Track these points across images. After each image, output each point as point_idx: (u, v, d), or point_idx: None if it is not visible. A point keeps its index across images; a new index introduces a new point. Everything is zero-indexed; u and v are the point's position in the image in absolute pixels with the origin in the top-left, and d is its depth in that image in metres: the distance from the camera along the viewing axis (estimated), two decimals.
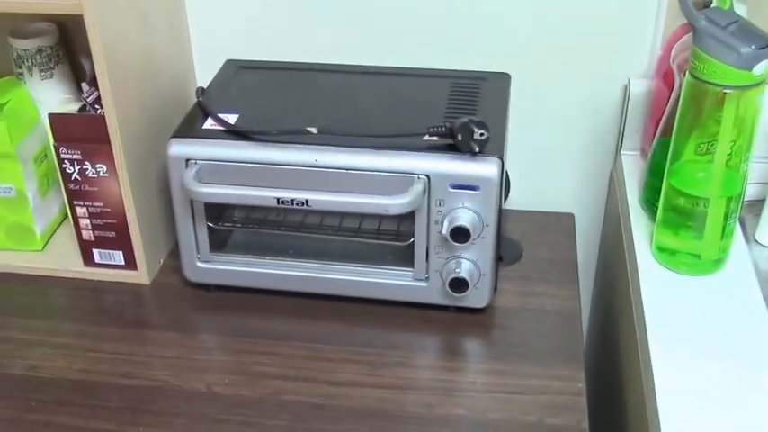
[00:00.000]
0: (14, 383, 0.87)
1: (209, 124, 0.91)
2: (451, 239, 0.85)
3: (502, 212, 0.89)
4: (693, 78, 0.78)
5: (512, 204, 1.09)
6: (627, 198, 0.98)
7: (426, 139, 0.86)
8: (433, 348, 0.91)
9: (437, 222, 0.87)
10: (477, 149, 0.83)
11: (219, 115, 0.91)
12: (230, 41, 1.08)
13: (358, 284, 0.93)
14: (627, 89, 1.03)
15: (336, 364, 0.87)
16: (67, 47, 1.06)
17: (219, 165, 0.87)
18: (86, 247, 1.00)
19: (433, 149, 0.85)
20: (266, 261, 0.94)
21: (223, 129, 0.90)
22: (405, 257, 0.91)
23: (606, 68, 1.03)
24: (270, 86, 0.99)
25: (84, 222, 0.98)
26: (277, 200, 0.84)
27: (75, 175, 0.95)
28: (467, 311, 0.92)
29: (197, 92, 0.96)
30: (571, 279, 0.98)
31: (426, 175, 0.84)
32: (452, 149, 0.84)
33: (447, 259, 0.89)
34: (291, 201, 0.84)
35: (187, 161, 0.88)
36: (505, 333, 0.91)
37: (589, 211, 1.14)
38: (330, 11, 1.05)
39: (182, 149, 0.88)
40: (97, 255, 1.00)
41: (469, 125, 0.83)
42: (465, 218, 0.85)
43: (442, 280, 0.90)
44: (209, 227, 0.92)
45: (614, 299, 1.01)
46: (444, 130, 0.85)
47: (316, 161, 0.85)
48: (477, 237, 0.86)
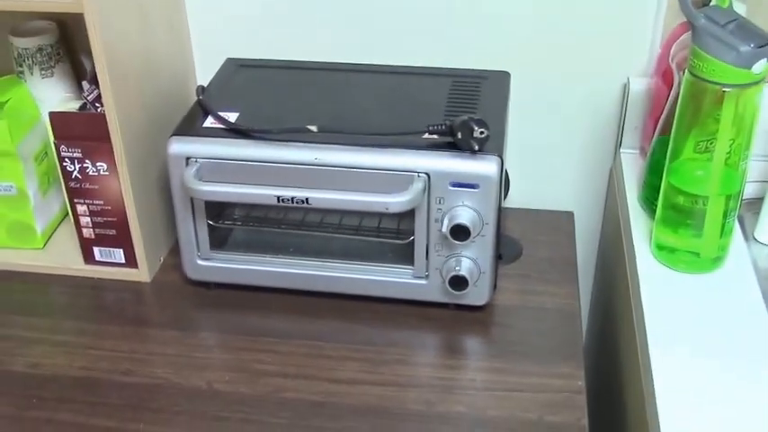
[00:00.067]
0: (15, 381, 0.87)
1: (209, 122, 0.91)
2: (451, 237, 0.86)
3: (501, 210, 0.89)
4: (692, 76, 0.78)
5: (511, 203, 1.10)
6: (626, 196, 0.98)
7: (426, 137, 0.86)
8: (432, 346, 0.91)
9: (437, 220, 0.87)
10: (476, 148, 0.83)
11: (220, 113, 0.91)
12: (230, 40, 1.08)
13: (358, 282, 0.93)
14: (626, 87, 1.03)
15: (336, 361, 0.88)
16: (68, 45, 1.06)
17: (220, 163, 0.87)
18: (87, 244, 1.00)
19: (432, 147, 0.85)
20: (266, 259, 0.94)
21: (223, 127, 0.90)
22: (405, 255, 0.91)
23: (606, 67, 1.03)
24: (270, 85, 0.99)
25: (85, 220, 0.98)
26: (277, 198, 0.85)
27: (75, 173, 0.95)
28: (466, 309, 0.93)
29: (197, 90, 0.96)
30: (571, 277, 0.98)
31: (426, 173, 0.84)
32: (452, 147, 0.84)
33: (447, 257, 0.89)
34: (292, 199, 0.84)
35: (187, 159, 0.88)
36: (505, 331, 0.92)
37: (588, 210, 1.14)
38: (330, 9, 1.05)
39: (182, 147, 0.88)
40: (98, 253, 1.00)
41: (469, 123, 0.83)
42: (465, 216, 0.85)
43: (441, 278, 0.90)
44: (209, 225, 0.93)
45: (614, 297, 1.01)
46: (444, 128, 0.85)
47: (316, 159, 0.85)
48: (477, 235, 0.86)
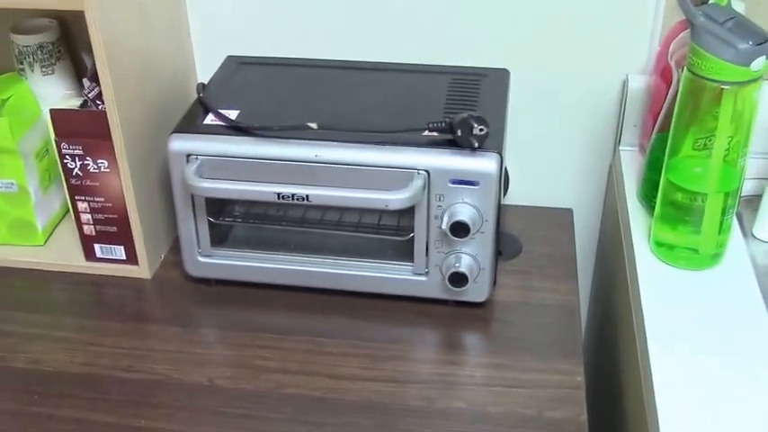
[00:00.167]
0: (17, 377, 0.87)
1: (209, 120, 0.91)
2: (451, 234, 0.86)
3: (501, 207, 0.89)
4: (691, 74, 0.78)
5: (511, 199, 1.10)
6: (625, 193, 0.98)
7: (426, 134, 0.86)
8: (433, 342, 0.92)
9: (437, 217, 0.87)
10: (476, 145, 0.84)
11: (220, 111, 0.91)
12: (231, 37, 1.09)
13: (358, 279, 0.93)
14: (625, 85, 1.03)
15: (337, 357, 0.88)
16: (69, 43, 1.06)
17: (220, 160, 0.87)
18: (88, 241, 1.00)
19: (432, 145, 0.85)
20: (267, 256, 0.95)
21: (224, 124, 0.90)
22: (405, 252, 0.91)
23: (605, 64, 1.03)
24: (270, 82, 0.99)
25: (86, 217, 0.98)
26: (277, 195, 0.85)
27: (76, 170, 0.95)
28: (466, 306, 0.93)
29: (198, 87, 0.97)
30: (570, 273, 0.99)
31: (426, 171, 0.85)
32: (452, 145, 0.85)
33: (447, 254, 0.89)
34: (292, 196, 0.84)
35: (188, 156, 0.88)
36: (505, 327, 0.92)
37: (588, 206, 1.15)
38: (330, 7, 1.05)
39: (183, 145, 0.88)
40: (98, 249, 1.00)
41: (469, 120, 0.83)
42: (465, 213, 0.85)
43: (441, 274, 0.90)
44: (209, 222, 0.93)
45: (613, 293, 1.01)
46: (444, 125, 0.85)
47: (316, 156, 0.86)
48: (477, 231, 0.86)
